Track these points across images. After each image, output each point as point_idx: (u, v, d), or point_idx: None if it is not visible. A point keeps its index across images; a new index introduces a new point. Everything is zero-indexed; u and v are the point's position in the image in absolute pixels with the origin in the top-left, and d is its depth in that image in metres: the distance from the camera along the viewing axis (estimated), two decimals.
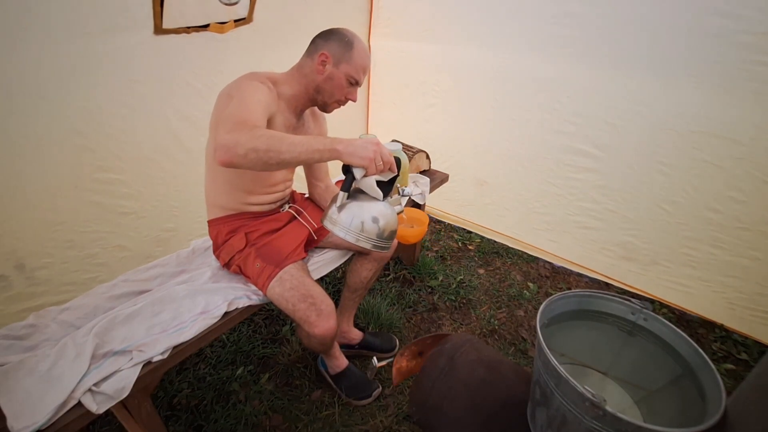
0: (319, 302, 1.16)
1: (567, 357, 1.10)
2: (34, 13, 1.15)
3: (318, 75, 1.16)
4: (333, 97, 1.20)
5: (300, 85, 1.18)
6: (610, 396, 1.03)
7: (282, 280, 1.17)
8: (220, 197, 1.26)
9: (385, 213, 1.03)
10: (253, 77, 1.10)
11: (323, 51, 1.14)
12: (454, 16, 2.01)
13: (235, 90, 1.07)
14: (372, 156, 0.93)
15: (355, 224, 1.00)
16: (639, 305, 0.97)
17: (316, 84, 1.17)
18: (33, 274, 1.35)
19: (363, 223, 1.00)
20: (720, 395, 0.75)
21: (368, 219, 1.01)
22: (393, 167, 0.99)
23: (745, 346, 1.72)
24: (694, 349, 0.86)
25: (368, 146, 0.93)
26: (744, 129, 1.49)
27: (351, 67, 1.16)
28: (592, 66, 1.71)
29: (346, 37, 1.15)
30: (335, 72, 1.15)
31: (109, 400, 0.92)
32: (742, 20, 1.37)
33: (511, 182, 2.16)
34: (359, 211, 1.01)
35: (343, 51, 1.14)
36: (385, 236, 1.04)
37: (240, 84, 1.08)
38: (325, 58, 1.14)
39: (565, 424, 0.83)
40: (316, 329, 1.16)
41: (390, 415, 1.40)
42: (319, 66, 1.15)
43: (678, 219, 1.72)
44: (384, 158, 0.95)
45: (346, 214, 1.01)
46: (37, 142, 1.27)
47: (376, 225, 1.01)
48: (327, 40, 1.16)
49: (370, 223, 1.01)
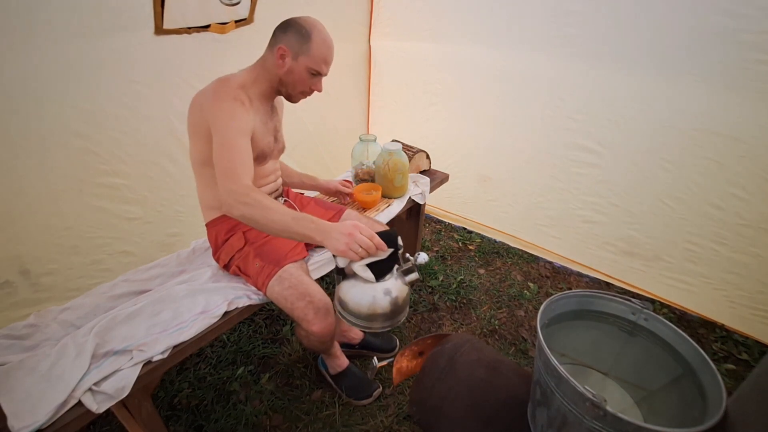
0: (317, 300, 1.16)
1: (567, 357, 1.10)
2: (35, 14, 1.15)
3: (279, 69, 1.15)
4: (296, 89, 1.20)
5: (265, 79, 1.19)
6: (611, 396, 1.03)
7: (281, 279, 1.17)
8: (212, 199, 1.26)
9: (377, 298, 0.97)
10: (225, 95, 1.09)
11: (281, 45, 1.13)
12: (454, 15, 2.01)
13: (211, 117, 1.07)
14: (344, 247, 0.91)
15: (350, 318, 0.99)
16: (639, 305, 0.97)
17: (278, 77, 1.17)
18: (38, 280, 1.35)
19: (357, 313, 0.98)
20: (721, 395, 0.75)
21: (363, 308, 0.97)
22: (380, 247, 0.93)
23: (745, 346, 1.72)
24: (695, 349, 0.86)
25: (341, 237, 0.91)
26: (746, 127, 1.49)
27: (310, 59, 1.14)
28: (594, 64, 1.71)
29: (303, 28, 1.12)
30: (295, 65, 1.14)
31: (110, 399, 0.92)
32: (746, 19, 1.37)
33: (514, 177, 2.16)
34: (353, 301, 0.97)
35: (301, 43, 1.12)
36: (382, 317, 0.99)
37: (215, 111, 1.07)
38: (284, 52, 1.13)
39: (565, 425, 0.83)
40: (313, 327, 1.16)
41: (390, 415, 1.40)
42: (279, 60, 1.14)
43: (680, 214, 1.73)
44: (363, 244, 0.91)
45: (341, 306, 1.01)
46: (40, 144, 1.26)
47: (371, 312, 0.97)
48: (285, 32, 1.14)
49: (365, 311, 0.97)
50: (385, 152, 1.66)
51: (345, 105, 2.38)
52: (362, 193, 1.67)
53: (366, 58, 2.37)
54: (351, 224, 0.94)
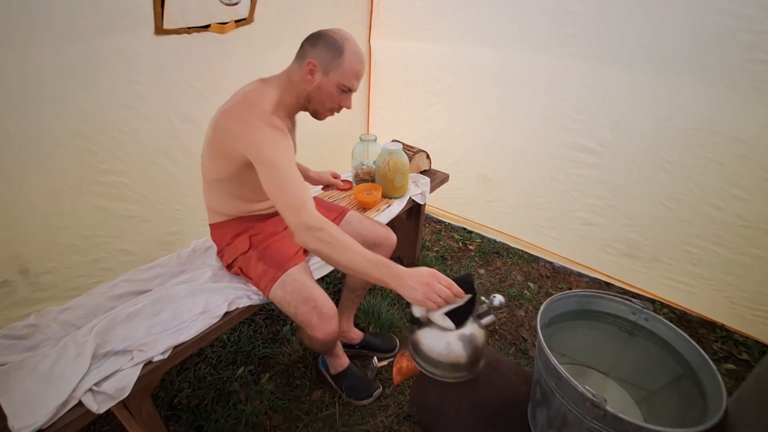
0: (321, 305, 1.14)
1: (568, 357, 1.10)
2: (35, 14, 1.15)
3: (307, 84, 1.10)
4: (324, 106, 1.15)
5: (292, 95, 1.13)
6: (611, 396, 1.03)
7: (284, 284, 1.16)
8: (220, 206, 1.25)
9: (454, 345, 0.96)
10: (262, 123, 1.02)
11: (310, 59, 1.07)
12: (454, 15, 2.01)
13: (249, 147, 1.01)
14: (423, 297, 0.89)
15: (428, 367, 0.98)
16: (640, 305, 0.97)
17: (306, 93, 1.12)
18: (37, 279, 1.35)
19: (436, 363, 0.97)
20: (721, 395, 0.75)
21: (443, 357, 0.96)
22: (459, 294, 0.91)
23: (746, 346, 1.71)
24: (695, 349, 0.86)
25: (419, 287, 0.89)
26: (747, 127, 1.48)
27: (341, 74, 1.08)
28: (594, 64, 1.71)
29: (335, 41, 1.07)
30: (324, 81, 1.09)
31: (110, 399, 0.92)
32: (746, 19, 1.37)
33: (514, 178, 2.16)
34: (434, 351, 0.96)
35: (332, 57, 1.07)
36: (463, 366, 0.98)
37: (256, 142, 1.01)
38: (313, 67, 1.07)
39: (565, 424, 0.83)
40: (318, 333, 1.15)
41: (390, 415, 1.40)
42: (308, 75, 1.08)
43: (680, 216, 1.72)
44: (441, 294, 0.89)
45: (417, 354, 1.00)
46: (39, 144, 1.26)
47: (444, 361, 0.97)
48: (315, 45, 1.08)
49: (445, 360, 0.96)
50: (385, 152, 1.66)
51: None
52: (362, 193, 1.67)
53: (366, 58, 2.37)
54: (428, 272, 0.91)
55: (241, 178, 1.14)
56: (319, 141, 2.27)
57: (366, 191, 1.69)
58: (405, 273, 0.92)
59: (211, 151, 1.13)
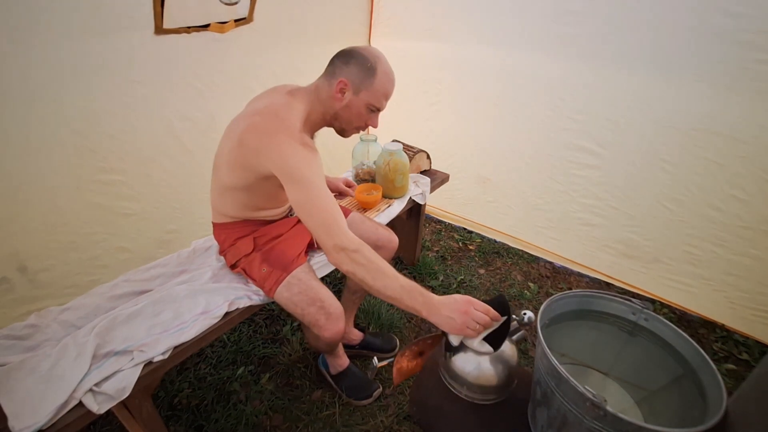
0: (328, 305, 1.14)
1: (568, 357, 1.10)
2: (35, 14, 1.15)
3: (336, 102, 1.08)
4: (351, 125, 1.14)
5: (318, 111, 1.11)
6: (611, 396, 1.03)
7: (290, 285, 1.16)
8: (228, 210, 1.24)
9: (487, 368, 0.98)
10: (291, 140, 0.99)
11: (342, 78, 1.05)
12: (455, 15, 2.01)
13: (279, 164, 0.98)
14: (461, 326, 0.88)
15: (464, 390, 1.00)
16: (640, 305, 0.97)
17: (334, 111, 1.10)
18: (35, 276, 1.35)
19: (474, 386, 0.99)
20: (721, 395, 0.75)
21: (481, 380, 0.98)
22: (495, 318, 0.91)
23: (746, 346, 1.72)
24: (695, 349, 0.86)
25: (456, 316, 0.88)
26: (747, 127, 1.48)
27: (372, 94, 1.07)
28: (594, 64, 1.71)
29: (368, 61, 1.05)
30: (354, 100, 1.07)
31: (110, 400, 0.92)
32: (746, 18, 1.37)
33: (513, 179, 2.16)
34: (471, 375, 0.99)
35: (364, 77, 1.05)
36: (499, 387, 1.00)
37: (286, 160, 0.98)
38: (344, 86, 1.06)
39: (565, 425, 0.83)
40: (325, 332, 1.15)
41: (390, 415, 1.40)
42: (338, 94, 1.07)
43: (680, 217, 1.72)
44: (480, 321, 0.88)
45: (452, 379, 1.01)
46: (38, 143, 1.27)
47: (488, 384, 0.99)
48: (347, 63, 1.06)
49: (485, 383, 0.98)
50: (385, 152, 1.66)
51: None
52: (363, 193, 1.67)
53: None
54: (464, 300, 0.90)
55: (257, 188, 1.14)
56: (320, 141, 2.25)
57: (366, 191, 1.69)
58: (440, 303, 0.90)
59: (230, 160, 1.09)
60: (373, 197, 1.64)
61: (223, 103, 1.69)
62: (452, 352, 1.00)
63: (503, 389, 1.01)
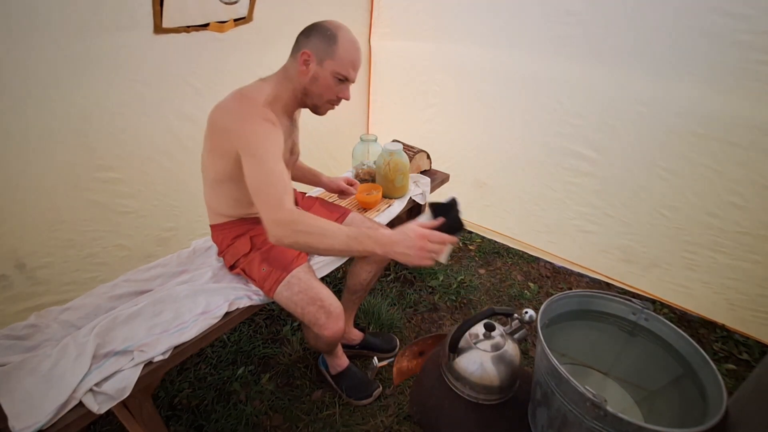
0: (328, 305, 1.14)
1: (568, 357, 1.10)
2: (35, 13, 1.15)
3: (303, 76, 1.08)
4: (322, 98, 1.12)
5: (288, 90, 1.12)
6: (611, 396, 1.03)
7: (290, 284, 1.16)
8: (220, 207, 1.25)
9: (490, 368, 1.00)
10: (254, 115, 1.02)
11: (305, 49, 1.06)
12: (454, 16, 2.00)
13: (241, 140, 1.00)
14: (418, 261, 0.89)
15: (468, 391, 1.02)
16: (640, 305, 0.97)
17: (303, 86, 1.10)
18: (33, 273, 1.35)
19: (476, 386, 1.01)
20: (721, 395, 0.75)
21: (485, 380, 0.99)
22: (450, 241, 0.91)
23: (746, 346, 1.72)
24: (695, 349, 0.86)
25: (412, 252, 0.89)
26: (744, 132, 1.47)
27: (337, 63, 1.06)
28: (592, 65, 1.71)
29: (328, 30, 1.05)
30: (320, 71, 1.07)
31: (111, 400, 0.92)
32: (745, 19, 1.36)
33: (509, 184, 2.15)
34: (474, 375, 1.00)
35: (326, 46, 1.05)
36: (503, 387, 1.01)
37: (246, 134, 1.00)
38: (308, 57, 1.06)
39: (566, 425, 0.83)
40: (326, 331, 1.15)
41: (391, 415, 1.40)
42: (302, 66, 1.07)
43: (677, 224, 1.71)
44: (435, 251, 0.90)
45: (455, 380, 1.03)
46: (38, 142, 1.27)
47: (490, 383, 1.00)
48: (308, 36, 1.07)
49: (488, 383, 1.00)
50: (385, 152, 1.66)
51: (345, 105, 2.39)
52: (363, 193, 1.67)
53: (366, 58, 2.37)
54: (416, 236, 0.90)
55: (240, 178, 1.13)
56: (320, 141, 2.27)
57: (366, 191, 1.69)
58: (391, 240, 0.90)
59: (207, 146, 1.13)
60: (373, 197, 1.64)
61: None
62: (453, 353, 1.00)
63: (507, 389, 1.01)
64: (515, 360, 1.01)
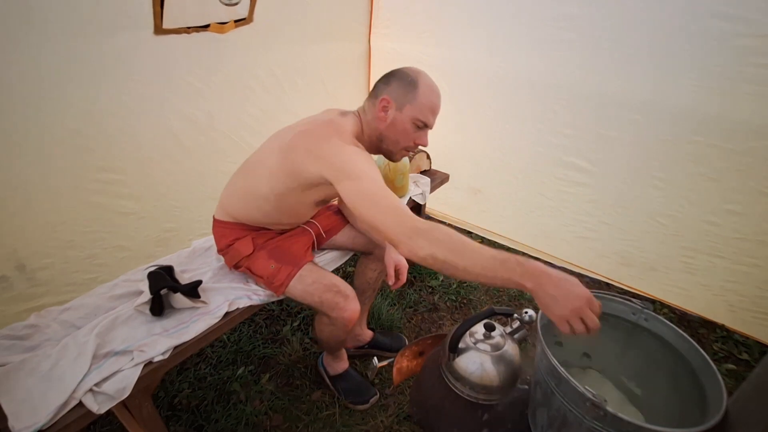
0: (343, 288, 1.18)
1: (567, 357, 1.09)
2: (35, 13, 1.15)
3: (380, 123, 1.07)
4: (399, 144, 1.10)
5: (365, 133, 1.11)
6: (611, 396, 1.03)
7: (302, 277, 1.18)
8: (239, 212, 1.23)
9: (490, 367, 0.98)
10: (346, 141, 1.00)
11: (384, 95, 1.05)
12: (454, 18, 2.00)
13: (335, 164, 0.96)
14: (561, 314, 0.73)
15: (470, 392, 0.99)
16: (640, 305, 0.97)
17: (379, 132, 1.09)
18: (34, 274, 1.35)
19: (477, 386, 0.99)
20: (721, 395, 0.75)
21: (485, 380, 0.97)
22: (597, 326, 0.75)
23: (746, 346, 1.72)
24: (695, 350, 0.86)
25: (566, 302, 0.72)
26: (742, 137, 1.47)
27: (416, 108, 1.04)
28: (589, 70, 1.70)
29: (408, 76, 1.04)
30: (399, 116, 1.05)
31: (110, 400, 0.92)
32: (744, 22, 1.36)
33: (504, 192, 2.16)
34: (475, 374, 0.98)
35: (406, 92, 1.04)
36: (503, 387, 0.99)
37: (343, 158, 0.97)
38: (387, 103, 1.05)
39: (565, 425, 0.83)
40: (345, 313, 1.17)
41: (390, 415, 1.40)
42: (381, 113, 1.06)
43: (675, 231, 1.72)
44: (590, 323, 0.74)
45: (457, 382, 1.00)
46: (38, 143, 1.27)
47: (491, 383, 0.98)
48: (388, 83, 1.06)
49: (488, 383, 0.97)
50: None
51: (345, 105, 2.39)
52: None
53: (366, 58, 2.37)
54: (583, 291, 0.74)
55: (289, 198, 1.13)
56: None
57: None
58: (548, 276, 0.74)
59: (273, 166, 1.09)
60: None
61: (222, 103, 1.69)
62: (453, 353, 1.00)
63: (507, 389, 1.01)
64: (515, 360, 1.01)
